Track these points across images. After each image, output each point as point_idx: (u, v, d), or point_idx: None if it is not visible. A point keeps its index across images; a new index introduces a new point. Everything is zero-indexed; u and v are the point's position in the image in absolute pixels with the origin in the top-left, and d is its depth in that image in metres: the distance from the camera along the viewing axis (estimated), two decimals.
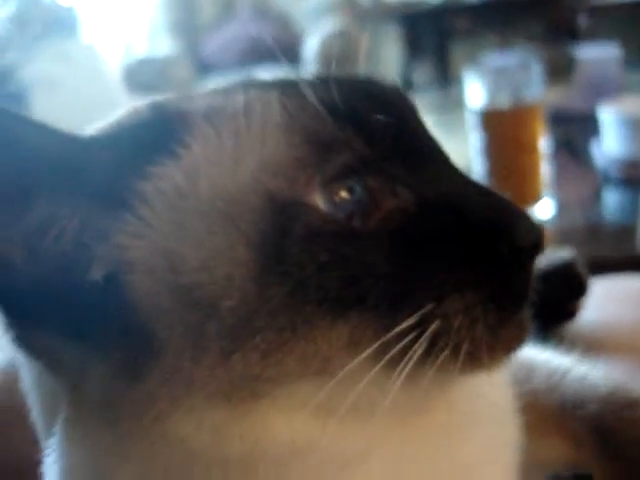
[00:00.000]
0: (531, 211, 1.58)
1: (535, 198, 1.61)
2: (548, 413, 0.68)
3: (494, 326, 0.48)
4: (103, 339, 0.47)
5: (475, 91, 1.63)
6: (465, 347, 0.47)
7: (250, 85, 0.53)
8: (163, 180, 0.47)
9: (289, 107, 0.49)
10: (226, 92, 0.52)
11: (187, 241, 0.46)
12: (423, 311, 0.46)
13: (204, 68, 5.05)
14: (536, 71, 1.64)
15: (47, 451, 0.53)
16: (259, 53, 4.70)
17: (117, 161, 0.47)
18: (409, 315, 0.46)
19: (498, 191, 0.52)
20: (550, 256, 0.91)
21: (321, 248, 0.46)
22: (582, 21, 5.20)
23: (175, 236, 0.46)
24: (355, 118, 0.49)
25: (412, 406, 0.50)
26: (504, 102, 1.62)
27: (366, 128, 0.49)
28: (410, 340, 0.46)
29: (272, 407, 0.47)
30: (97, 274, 0.46)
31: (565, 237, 1.57)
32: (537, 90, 1.63)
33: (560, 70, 2.71)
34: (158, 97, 0.54)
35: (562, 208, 1.69)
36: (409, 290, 0.47)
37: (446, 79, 5.77)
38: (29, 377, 0.54)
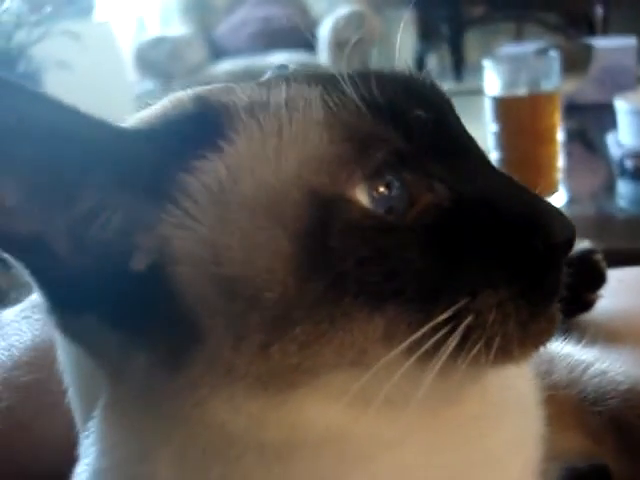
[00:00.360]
0: None
1: (550, 189, 1.61)
2: (568, 407, 0.68)
3: (525, 321, 0.48)
4: (146, 328, 0.47)
5: (493, 79, 1.63)
6: (497, 341, 0.47)
7: (292, 78, 0.53)
8: (206, 174, 0.48)
9: (330, 103, 0.49)
10: (268, 85, 0.52)
11: (230, 234, 0.46)
12: (457, 306, 0.47)
13: (216, 51, 5.04)
14: (554, 60, 1.63)
15: (85, 433, 0.53)
16: (272, 37, 4.69)
17: (162, 154, 0.48)
18: (443, 309, 0.46)
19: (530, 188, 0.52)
20: None
21: (361, 243, 0.46)
22: (598, 12, 5.17)
23: (218, 229, 0.47)
24: (394, 114, 0.49)
25: (444, 397, 0.51)
26: (522, 91, 1.61)
27: (405, 124, 0.49)
28: (443, 334, 0.46)
29: (308, 396, 0.47)
30: (141, 264, 0.47)
31: (577, 229, 1.56)
32: (555, 79, 1.62)
33: (575, 61, 2.70)
34: (200, 88, 0.54)
35: (575, 199, 1.69)
36: (444, 285, 0.47)
37: (460, 67, 5.75)
38: (66, 359, 0.55)
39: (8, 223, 0.45)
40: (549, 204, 0.50)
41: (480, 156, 0.54)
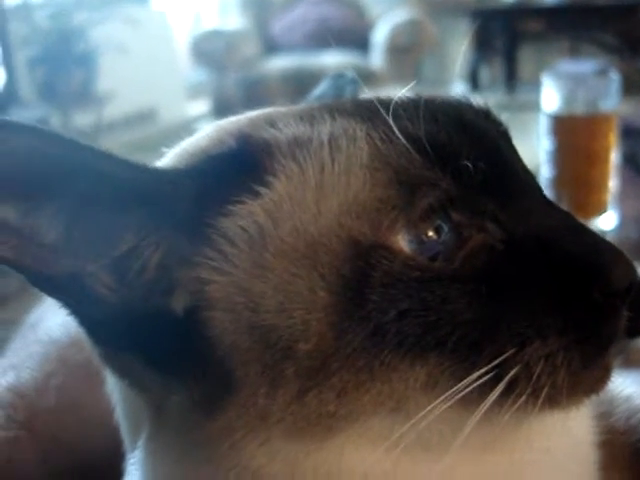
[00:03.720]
0: (594, 223, 1.56)
1: (600, 210, 1.59)
2: (623, 453, 0.65)
3: (577, 371, 0.46)
4: (182, 371, 0.47)
5: (550, 96, 1.61)
6: (545, 391, 0.46)
7: (337, 110, 0.51)
8: (245, 218, 0.47)
9: (376, 140, 0.48)
10: (311, 118, 0.50)
11: (267, 281, 0.46)
12: (502, 357, 0.45)
13: (271, 46, 5.07)
14: (614, 81, 1.61)
15: (130, 462, 0.54)
16: (327, 36, 4.70)
17: (200, 196, 0.47)
18: (489, 360, 0.45)
19: (590, 228, 0.49)
20: None
21: (402, 295, 0.45)
22: None
23: (255, 275, 0.46)
24: (444, 155, 0.47)
25: (487, 442, 0.49)
26: (579, 109, 1.60)
27: (455, 165, 0.47)
28: (488, 381, 0.45)
29: (346, 443, 0.47)
30: (178, 306, 0.47)
31: (626, 252, 1.55)
32: (613, 100, 1.60)
33: (631, 83, 2.67)
34: (244, 119, 0.53)
35: (625, 222, 1.67)
36: (490, 334, 0.46)
37: (513, 80, 5.71)
38: (113, 382, 0.55)
39: (47, 260, 0.45)
40: (610, 245, 0.48)
41: (538, 192, 0.51)
